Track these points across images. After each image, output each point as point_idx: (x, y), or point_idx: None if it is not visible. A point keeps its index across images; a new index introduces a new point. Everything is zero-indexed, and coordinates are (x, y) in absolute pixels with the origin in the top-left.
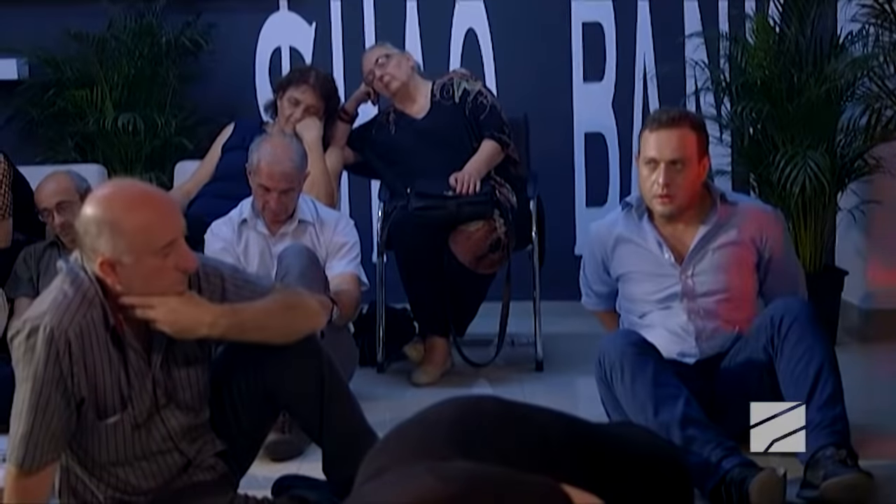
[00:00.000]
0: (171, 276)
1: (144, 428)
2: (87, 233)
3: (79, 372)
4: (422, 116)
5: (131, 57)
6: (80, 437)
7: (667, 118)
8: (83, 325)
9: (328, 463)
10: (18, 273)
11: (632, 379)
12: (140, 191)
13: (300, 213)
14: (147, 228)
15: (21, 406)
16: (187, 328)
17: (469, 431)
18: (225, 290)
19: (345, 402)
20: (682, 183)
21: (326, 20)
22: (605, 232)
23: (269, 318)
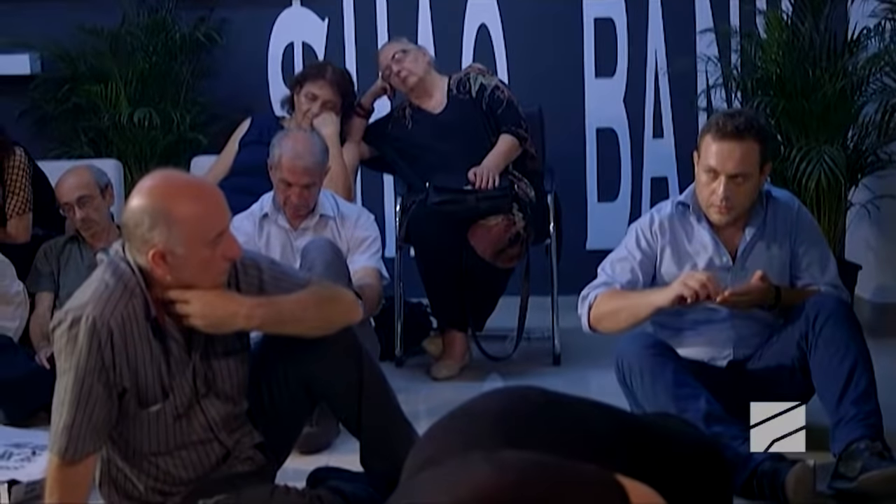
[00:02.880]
0: (218, 266)
1: (185, 418)
2: (140, 224)
3: (121, 362)
4: (439, 111)
5: (145, 52)
6: (123, 427)
7: (732, 128)
8: (125, 315)
9: (366, 454)
10: (39, 268)
11: (652, 381)
12: (190, 182)
13: (321, 207)
14: (201, 219)
15: (63, 396)
16: (223, 321)
17: (516, 422)
18: (262, 281)
19: (382, 393)
20: (742, 195)
21: (339, 15)
22: (658, 227)
23: (306, 311)
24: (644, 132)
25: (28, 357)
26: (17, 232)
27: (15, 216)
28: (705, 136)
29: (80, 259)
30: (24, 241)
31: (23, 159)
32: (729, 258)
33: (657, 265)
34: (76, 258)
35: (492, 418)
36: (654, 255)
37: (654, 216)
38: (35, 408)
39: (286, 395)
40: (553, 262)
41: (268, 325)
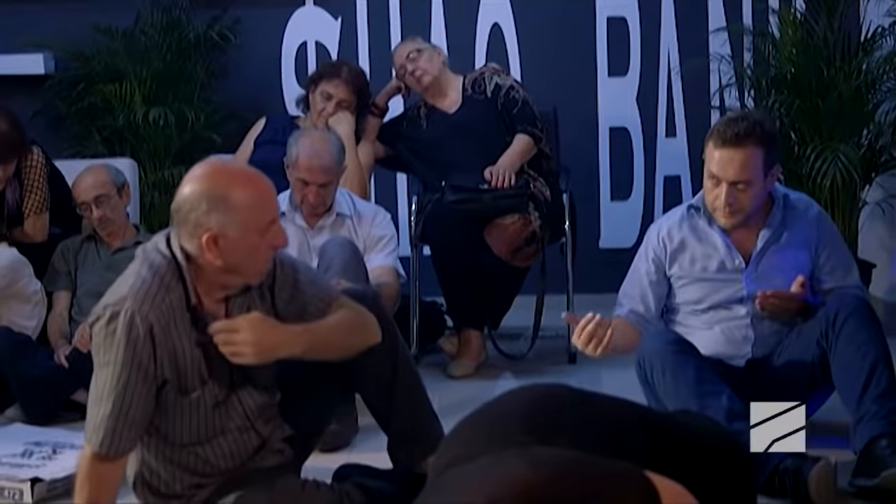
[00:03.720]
0: (265, 255)
1: (224, 405)
2: (196, 208)
3: (161, 354)
4: (454, 111)
5: (159, 51)
6: (161, 421)
7: (732, 135)
8: (163, 308)
9: (394, 445)
10: (56, 267)
11: (673, 378)
12: (245, 170)
13: (338, 206)
14: (256, 206)
15: (101, 391)
16: (272, 349)
17: (543, 419)
18: (297, 281)
19: (415, 384)
20: (746, 201)
21: (352, 15)
22: (665, 234)
23: (340, 338)
24: (657, 131)
25: (47, 356)
26: (34, 231)
27: (32, 215)
28: (708, 141)
29: (97, 258)
30: (41, 241)
31: (40, 158)
32: (742, 261)
33: (666, 272)
34: (93, 257)
35: (519, 415)
36: (663, 265)
37: (661, 225)
38: (54, 406)
39: (321, 386)
40: (568, 260)
41: (307, 352)
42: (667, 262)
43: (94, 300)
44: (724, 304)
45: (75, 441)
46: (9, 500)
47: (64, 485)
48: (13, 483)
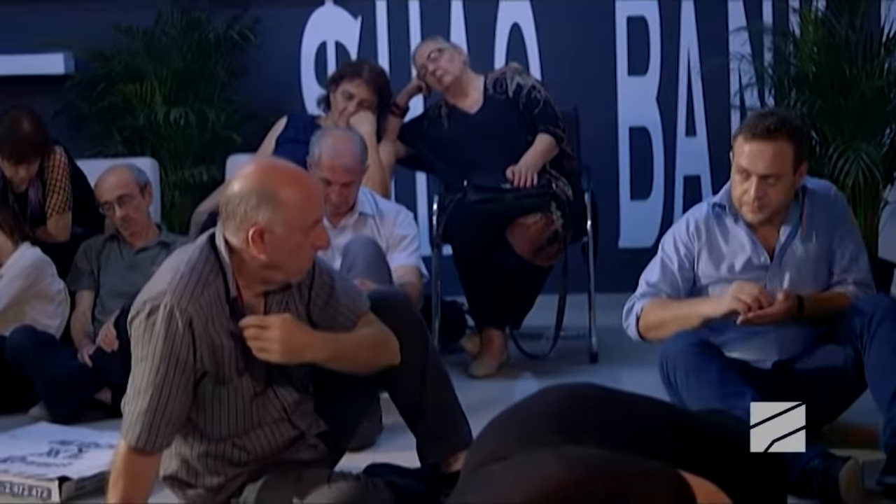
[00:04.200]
0: (307, 254)
1: (260, 398)
2: (244, 202)
3: (201, 346)
4: (475, 111)
5: (180, 51)
6: (199, 415)
7: (763, 129)
8: (201, 301)
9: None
10: (79, 266)
11: (696, 380)
12: (295, 170)
13: (360, 205)
14: (302, 205)
15: (139, 384)
16: (298, 351)
17: (574, 418)
18: (334, 289)
19: (444, 386)
20: (774, 196)
21: (372, 14)
22: (694, 230)
23: (361, 353)
24: (677, 131)
25: (71, 355)
26: (56, 230)
27: (55, 215)
28: (738, 136)
29: (119, 257)
30: (63, 240)
31: (63, 158)
32: (767, 257)
33: (695, 268)
34: (116, 256)
35: (548, 415)
36: (692, 259)
37: (689, 219)
38: (79, 405)
39: (353, 385)
40: (590, 260)
41: (330, 360)
42: (696, 257)
43: (117, 299)
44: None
45: (100, 440)
46: (37, 498)
47: (92, 483)
48: (41, 482)
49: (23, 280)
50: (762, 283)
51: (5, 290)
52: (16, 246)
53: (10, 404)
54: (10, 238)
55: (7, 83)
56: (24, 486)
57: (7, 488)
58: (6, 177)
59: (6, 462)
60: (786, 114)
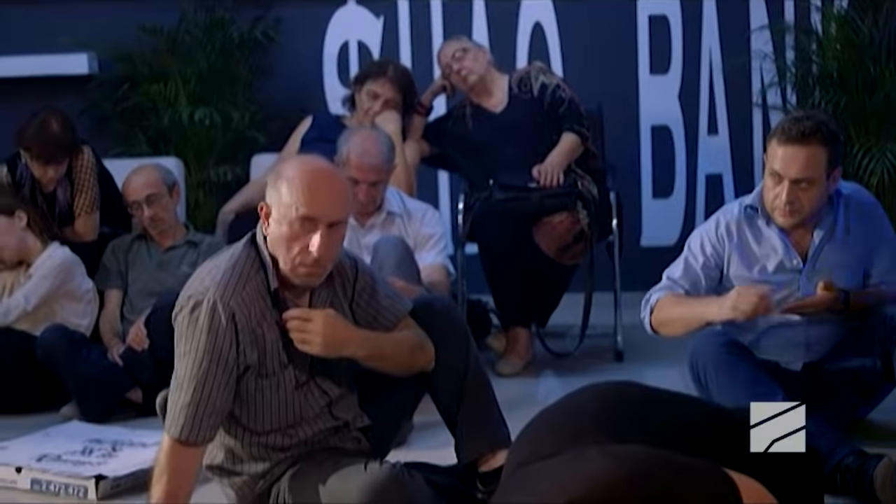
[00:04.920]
0: (294, 253)
1: (304, 389)
2: (267, 183)
3: (244, 340)
4: (500, 110)
5: (204, 51)
6: (243, 411)
7: (797, 133)
8: (244, 295)
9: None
10: (107, 265)
11: (727, 379)
12: (317, 164)
13: (388, 204)
14: (298, 194)
15: (183, 378)
16: (339, 345)
17: (617, 416)
18: (375, 292)
19: (484, 386)
20: (807, 201)
21: (394, 14)
22: (724, 231)
23: (399, 354)
24: (698, 129)
25: (102, 354)
26: (84, 230)
27: (83, 214)
28: (772, 139)
29: (147, 257)
30: (91, 240)
31: (91, 158)
32: (799, 260)
33: (724, 269)
34: (144, 256)
35: (593, 413)
36: (720, 260)
37: (719, 220)
38: (109, 405)
39: (396, 384)
40: (616, 258)
41: (369, 358)
42: (725, 259)
43: (146, 299)
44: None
45: (133, 438)
46: (73, 497)
47: (127, 482)
48: (78, 480)
49: (52, 279)
50: (794, 286)
51: (35, 290)
52: (45, 246)
53: (41, 403)
54: (40, 238)
55: (32, 84)
56: (60, 484)
57: (44, 486)
58: (35, 177)
59: (42, 460)
60: (821, 118)
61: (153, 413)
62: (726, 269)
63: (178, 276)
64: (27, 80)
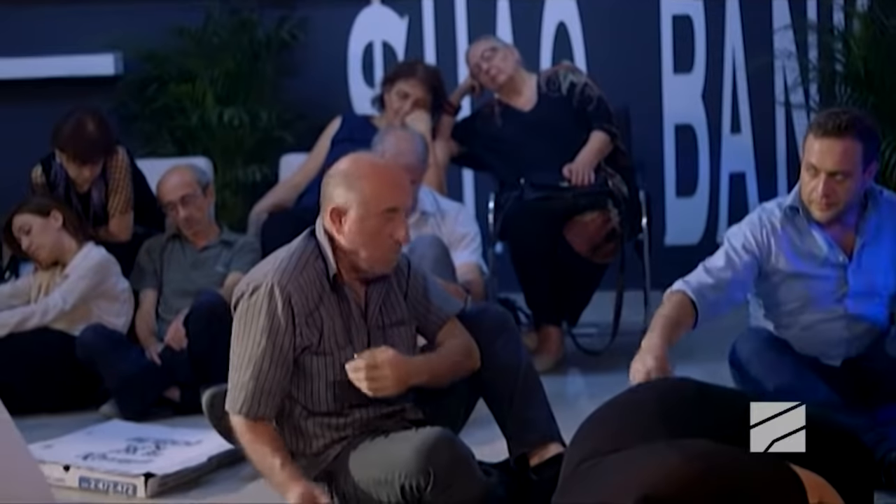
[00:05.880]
0: (385, 244)
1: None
2: (330, 184)
3: (300, 322)
4: (529, 109)
5: (230, 51)
6: (301, 389)
7: (833, 126)
8: (301, 280)
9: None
10: (142, 265)
11: (769, 374)
12: (379, 161)
13: (421, 204)
14: (376, 189)
15: (241, 358)
16: (407, 380)
17: (677, 412)
18: (427, 291)
19: (536, 385)
20: (843, 193)
21: (418, 14)
22: (770, 228)
23: (451, 369)
24: (722, 128)
25: (140, 353)
26: (118, 230)
27: (118, 215)
28: (808, 133)
29: (182, 256)
30: (125, 240)
31: (125, 158)
32: (845, 256)
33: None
34: (178, 255)
35: (655, 409)
36: (762, 255)
37: (762, 217)
38: (149, 403)
39: (451, 386)
40: (645, 257)
41: (428, 383)
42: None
43: (181, 298)
44: (821, 304)
45: (176, 437)
46: (122, 494)
47: (174, 480)
48: (126, 478)
49: (89, 279)
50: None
51: (73, 290)
52: (80, 246)
53: (79, 401)
54: (75, 238)
55: (59, 84)
56: (108, 482)
57: (92, 484)
58: (69, 177)
59: (87, 459)
60: (857, 113)
61: (191, 411)
62: (768, 266)
63: (213, 275)
64: (54, 81)
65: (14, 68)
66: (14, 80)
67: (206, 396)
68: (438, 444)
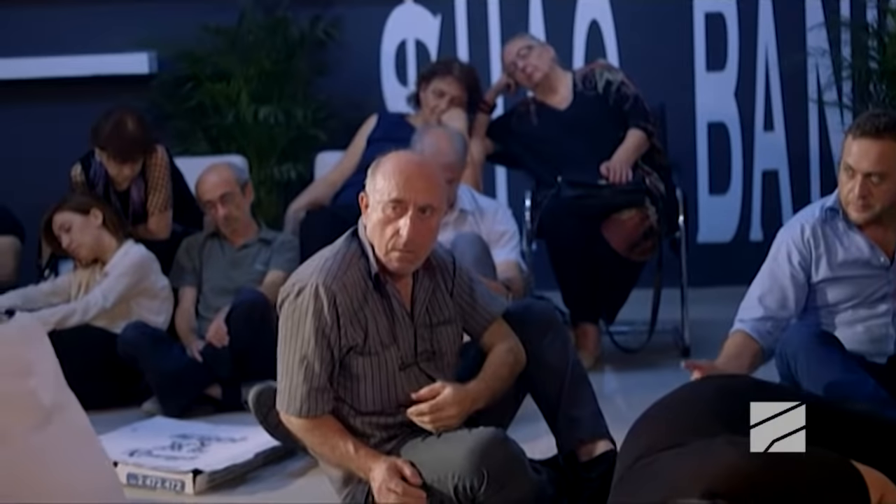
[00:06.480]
0: (388, 240)
1: (408, 371)
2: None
3: (346, 322)
4: (565, 107)
5: (265, 50)
6: (347, 390)
7: (871, 127)
8: (346, 280)
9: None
10: (182, 263)
11: (819, 367)
12: (413, 156)
13: (460, 202)
14: (387, 178)
15: (292, 361)
16: (469, 410)
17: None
18: (473, 290)
19: (584, 383)
20: (879, 195)
21: (451, 12)
22: (810, 235)
23: (504, 382)
24: (754, 126)
25: (181, 350)
26: (158, 228)
27: (157, 213)
28: (847, 134)
29: (221, 254)
30: (164, 238)
31: (164, 157)
32: (886, 258)
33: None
34: (217, 253)
35: (710, 405)
36: (808, 266)
37: (803, 226)
38: (190, 400)
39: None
40: (682, 254)
41: (487, 401)
42: (813, 265)
43: (220, 296)
44: (865, 303)
45: (220, 434)
46: (170, 490)
47: (222, 476)
48: (174, 474)
49: (130, 277)
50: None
51: (113, 287)
52: (120, 244)
53: (120, 399)
54: (115, 236)
55: (93, 83)
56: (157, 478)
57: (140, 480)
58: (109, 175)
59: (134, 455)
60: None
61: (232, 408)
62: (815, 276)
63: (252, 273)
64: (88, 80)
65: (48, 67)
66: (48, 78)
67: (253, 394)
68: (492, 444)
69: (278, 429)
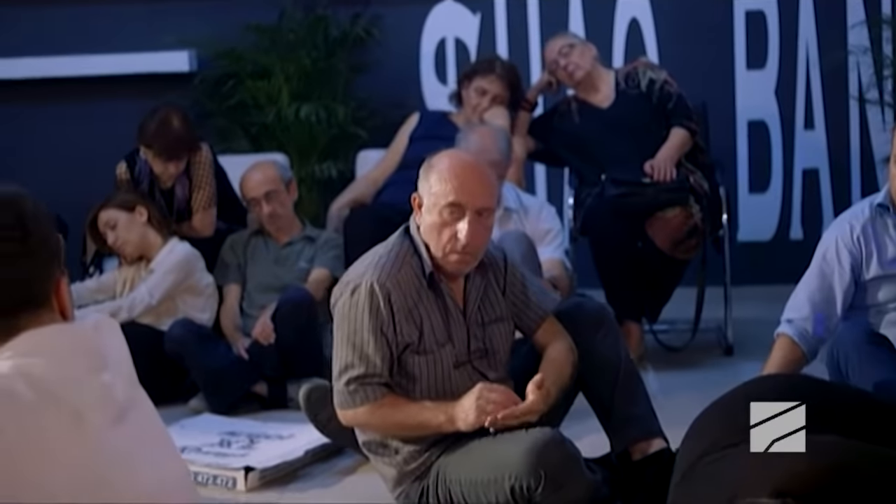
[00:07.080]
0: (446, 243)
1: (462, 369)
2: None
3: (401, 320)
4: (607, 105)
5: (306, 48)
6: (402, 384)
7: None
8: (399, 277)
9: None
10: (226, 260)
11: (871, 368)
12: (466, 158)
13: (504, 200)
14: (444, 182)
15: (351, 358)
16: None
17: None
18: (526, 288)
19: (636, 380)
20: None
21: (491, 10)
22: (860, 233)
23: (567, 377)
24: (795, 124)
25: (228, 348)
26: (202, 226)
27: (201, 210)
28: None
29: (265, 252)
30: (208, 235)
31: (208, 155)
32: None
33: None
34: (262, 251)
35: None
36: (858, 265)
37: (852, 224)
38: (237, 397)
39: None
40: (726, 253)
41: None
42: (863, 263)
43: (264, 293)
44: None
45: (268, 431)
46: (222, 487)
47: (274, 473)
48: (226, 471)
49: (176, 274)
50: None
51: (159, 284)
52: (164, 241)
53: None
54: (159, 233)
55: (135, 81)
56: (208, 475)
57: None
58: (153, 173)
59: (184, 452)
60: None
61: (278, 406)
62: (866, 274)
63: (296, 271)
64: (130, 78)
65: (90, 65)
66: (91, 77)
67: (304, 391)
68: (549, 444)
69: (328, 426)
